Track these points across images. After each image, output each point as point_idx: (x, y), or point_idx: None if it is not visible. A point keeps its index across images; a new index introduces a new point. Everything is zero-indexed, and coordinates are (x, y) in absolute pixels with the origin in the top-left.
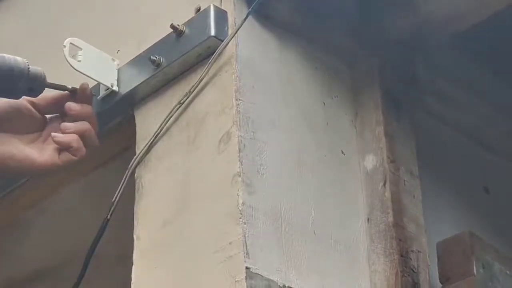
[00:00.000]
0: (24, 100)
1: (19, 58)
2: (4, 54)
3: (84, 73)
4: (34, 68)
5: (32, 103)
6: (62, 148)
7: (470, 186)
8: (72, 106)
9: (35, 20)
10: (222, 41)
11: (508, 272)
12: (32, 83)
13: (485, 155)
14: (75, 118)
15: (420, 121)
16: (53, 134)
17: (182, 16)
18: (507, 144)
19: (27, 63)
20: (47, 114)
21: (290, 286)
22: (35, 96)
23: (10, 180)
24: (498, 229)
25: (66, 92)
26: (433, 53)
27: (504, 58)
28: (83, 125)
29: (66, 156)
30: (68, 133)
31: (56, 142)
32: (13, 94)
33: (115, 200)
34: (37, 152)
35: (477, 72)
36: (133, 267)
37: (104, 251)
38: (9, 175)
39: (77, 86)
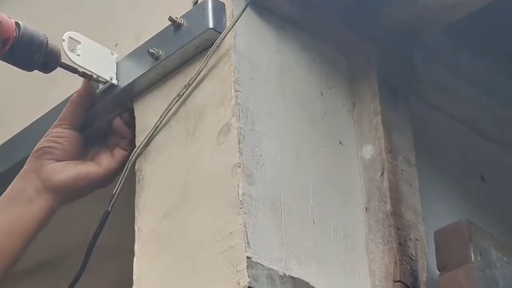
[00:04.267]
0: (61, 127)
1: (39, 31)
2: (26, 24)
3: (83, 66)
4: (53, 43)
5: (66, 125)
6: (120, 135)
7: (467, 175)
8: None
9: (34, 15)
10: (220, 33)
11: (505, 259)
12: (48, 58)
13: (481, 144)
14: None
15: (417, 111)
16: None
17: (180, 9)
18: (503, 133)
19: (47, 37)
20: (78, 121)
21: (290, 275)
22: (48, 72)
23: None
24: (494, 216)
25: (81, 93)
26: (431, 43)
27: (501, 47)
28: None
29: (118, 153)
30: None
31: (116, 125)
32: (28, 65)
33: (115, 192)
34: (95, 165)
35: (474, 61)
36: (135, 259)
37: (105, 243)
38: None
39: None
